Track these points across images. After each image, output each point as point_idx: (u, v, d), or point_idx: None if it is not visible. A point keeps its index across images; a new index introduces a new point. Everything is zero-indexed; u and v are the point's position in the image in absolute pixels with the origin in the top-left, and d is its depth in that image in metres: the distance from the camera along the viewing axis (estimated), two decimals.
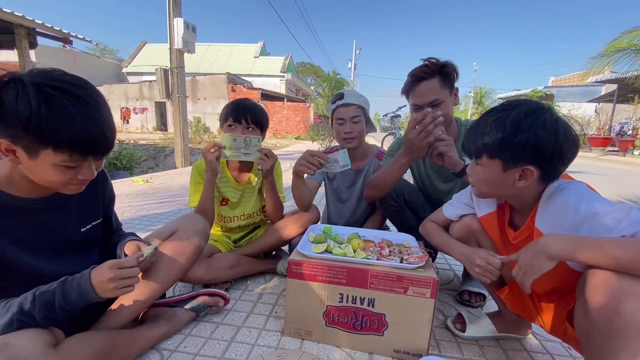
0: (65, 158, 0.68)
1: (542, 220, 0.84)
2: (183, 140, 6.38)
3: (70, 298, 0.74)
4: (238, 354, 1.01)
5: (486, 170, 0.87)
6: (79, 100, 0.67)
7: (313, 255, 1.07)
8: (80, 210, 0.90)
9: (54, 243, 0.84)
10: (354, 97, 1.56)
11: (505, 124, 0.80)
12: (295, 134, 16.69)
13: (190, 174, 1.48)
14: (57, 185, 0.74)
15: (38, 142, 0.66)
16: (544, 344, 1.13)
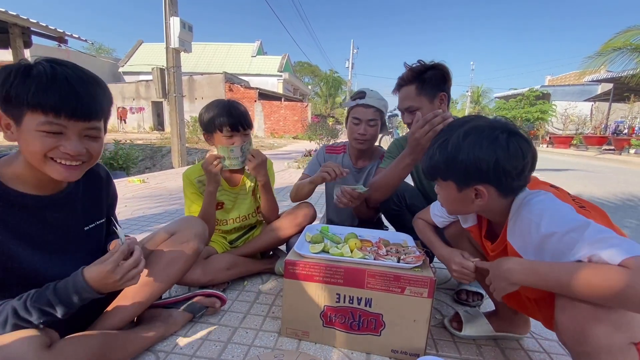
0: (42, 120, 0.69)
1: (512, 235, 0.83)
2: (180, 140, 6.35)
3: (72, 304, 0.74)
4: (235, 355, 1.01)
5: (444, 191, 0.88)
6: (57, 66, 0.71)
7: (310, 255, 1.07)
8: (85, 209, 0.91)
9: (58, 241, 0.84)
10: (375, 99, 1.55)
11: (447, 146, 0.81)
12: (292, 134, 16.66)
13: (183, 185, 1.46)
14: (39, 157, 0.72)
15: (17, 105, 0.68)
16: (542, 343, 1.13)
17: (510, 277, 0.74)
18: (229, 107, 1.38)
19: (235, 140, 1.37)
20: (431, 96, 1.31)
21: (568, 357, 1.06)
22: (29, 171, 0.77)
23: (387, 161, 1.51)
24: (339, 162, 1.71)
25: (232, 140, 1.37)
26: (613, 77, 12.06)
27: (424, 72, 1.30)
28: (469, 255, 0.93)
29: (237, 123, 1.36)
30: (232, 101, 1.43)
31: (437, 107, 1.33)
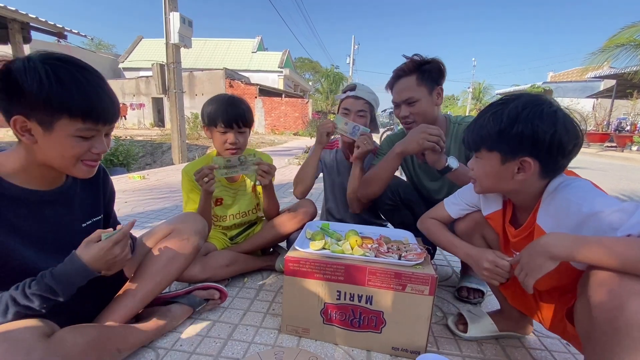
0: (80, 126, 0.71)
1: (544, 217, 0.82)
2: (180, 136, 6.33)
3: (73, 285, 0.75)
4: (235, 352, 1.00)
5: (486, 164, 0.86)
6: (84, 71, 0.72)
7: (310, 252, 1.06)
8: (83, 206, 0.91)
9: (56, 238, 0.84)
10: (366, 92, 1.54)
11: (502, 116, 0.80)
12: (293, 130, 16.62)
13: (182, 181, 1.45)
14: (72, 160, 0.75)
15: (53, 112, 0.68)
16: (543, 341, 1.12)
17: (551, 251, 0.71)
18: (227, 103, 1.36)
19: (228, 137, 1.35)
20: (430, 88, 1.31)
21: (569, 355, 1.06)
22: (30, 167, 0.77)
23: (380, 158, 1.49)
24: (332, 158, 1.71)
25: (225, 137, 1.35)
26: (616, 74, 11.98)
27: (423, 64, 1.29)
28: (501, 254, 0.90)
29: (232, 120, 1.33)
30: (234, 97, 1.41)
31: (435, 100, 1.33)
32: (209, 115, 1.36)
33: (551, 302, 0.92)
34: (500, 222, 0.98)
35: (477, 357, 1.03)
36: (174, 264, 1.04)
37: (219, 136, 1.36)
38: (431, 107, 1.33)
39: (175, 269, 1.05)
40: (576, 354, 1.06)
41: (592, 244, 0.68)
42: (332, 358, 0.99)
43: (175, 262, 1.05)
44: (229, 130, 1.35)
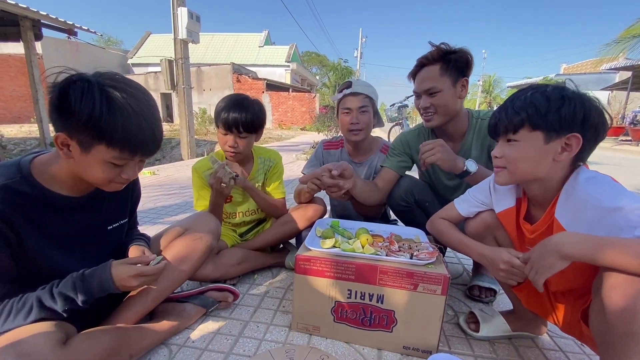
0: (116, 155, 0.72)
1: (562, 211, 0.81)
2: (189, 132, 6.38)
3: (92, 293, 0.77)
4: (246, 349, 1.01)
5: (524, 146, 0.81)
6: (137, 102, 0.72)
7: (321, 251, 1.06)
8: (110, 209, 0.94)
9: (82, 239, 0.87)
10: (363, 86, 1.49)
11: (548, 95, 0.78)
12: (300, 125, 16.59)
13: (192, 178, 1.46)
14: (102, 182, 0.78)
15: (93, 137, 0.69)
16: (557, 341, 1.10)
17: (563, 250, 0.70)
18: (232, 105, 1.32)
19: (228, 139, 1.34)
20: (454, 79, 1.24)
21: (584, 356, 1.04)
22: (68, 176, 0.79)
23: (391, 159, 1.46)
24: (337, 158, 1.66)
25: (226, 139, 1.35)
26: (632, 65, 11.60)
27: (448, 53, 1.23)
28: (515, 252, 0.87)
29: (230, 124, 1.31)
30: (243, 101, 1.34)
31: (459, 93, 1.27)
32: (215, 115, 1.36)
33: (566, 303, 0.90)
34: (514, 219, 0.96)
35: (489, 357, 1.02)
36: (187, 263, 1.05)
37: (221, 137, 1.37)
38: (454, 99, 1.27)
39: (188, 268, 1.06)
40: (591, 354, 1.04)
41: (607, 245, 0.66)
42: (342, 356, 1.00)
43: (189, 262, 1.06)
44: (228, 133, 1.34)
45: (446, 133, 1.37)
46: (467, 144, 1.35)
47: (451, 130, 1.35)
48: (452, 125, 1.34)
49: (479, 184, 1.06)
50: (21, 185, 0.73)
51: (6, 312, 0.71)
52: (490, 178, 1.02)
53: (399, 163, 1.45)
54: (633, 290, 0.63)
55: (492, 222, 1.01)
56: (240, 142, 1.35)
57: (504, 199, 0.98)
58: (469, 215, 1.07)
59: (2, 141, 7.08)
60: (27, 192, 0.74)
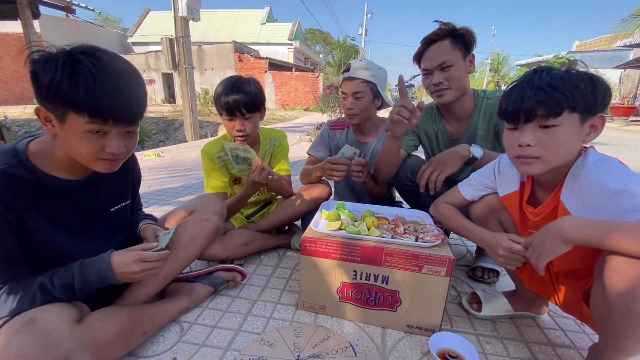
0: (87, 121, 0.69)
1: (568, 193, 0.80)
2: (192, 113, 6.34)
3: (91, 282, 0.77)
4: (254, 327, 1.05)
5: (565, 130, 0.76)
6: (105, 66, 0.68)
7: (327, 233, 1.07)
8: (112, 192, 0.93)
9: (85, 222, 0.87)
10: (362, 70, 1.46)
11: (578, 75, 0.76)
12: (304, 106, 16.38)
13: (202, 161, 1.46)
14: (88, 158, 0.75)
15: (62, 104, 0.68)
16: (557, 321, 1.13)
17: (566, 234, 0.70)
18: (229, 89, 1.30)
19: (235, 124, 1.33)
20: (463, 54, 1.26)
21: (584, 335, 1.07)
22: (64, 158, 0.78)
23: None
24: (342, 139, 1.66)
25: (232, 124, 1.34)
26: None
27: (455, 29, 1.25)
28: (516, 237, 0.88)
29: (233, 108, 1.29)
30: (239, 81, 1.32)
31: (468, 67, 1.29)
32: (216, 102, 1.35)
33: (568, 284, 0.91)
34: (517, 203, 0.96)
35: (491, 335, 1.05)
36: (195, 243, 1.07)
37: (227, 123, 1.36)
38: (465, 74, 1.28)
39: (197, 248, 1.08)
40: (591, 334, 1.07)
41: (611, 229, 0.66)
42: (348, 334, 1.03)
43: (196, 242, 1.08)
44: (233, 117, 1.33)
45: (453, 112, 1.36)
46: (473, 124, 1.33)
47: (458, 109, 1.34)
48: (459, 104, 1.32)
49: (483, 168, 1.06)
50: (19, 170, 0.73)
51: (12, 295, 0.73)
52: (496, 161, 1.02)
53: (407, 141, 1.45)
54: (634, 273, 0.64)
55: (496, 205, 1.01)
56: (247, 125, 1.34)
57: (508, 182, 0.97)
58: (473, 199, 1.07)
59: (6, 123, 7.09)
60: (25, 176, 0.73)
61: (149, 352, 0.93)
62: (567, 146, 0.78)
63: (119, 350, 0.82)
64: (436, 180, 1.23)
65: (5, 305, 0.72)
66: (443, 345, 0.94)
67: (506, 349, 0.99)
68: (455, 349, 0.93)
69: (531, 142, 0.78)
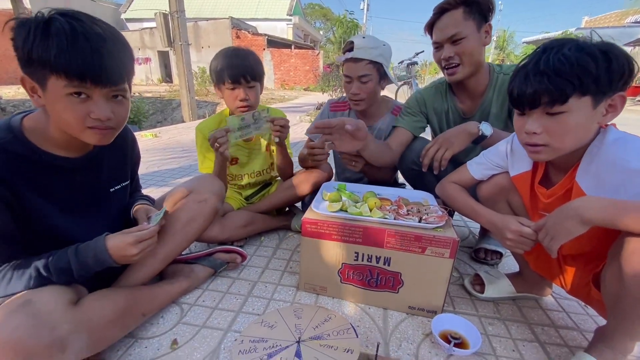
0: (66, 83, 0.65)
1: (584, 174, 0.76)
2: (189, 92, 6.20)
3: (89, 267, 0.75)
4: (255, 308, 1.04)
5: (573, 116, 0.70)
6: (83, 25, 0.65)
7: (328, 214, 1.04)
8: (111, 171, 0.91)
9: (85, 202, 0.85)
10: (366, 49, 1.35)
11: (590, 52, 0.68)
12: (304, 85, 16.05)
13: (196, 140, 1.42)
14: (74, 125, 0.70)
15: (39, 68, 0.64)
16: (560, 302, 1.12)
17: (585, 214, 0.67)
18: (232, 56, 1.27)
19: (238, 93, 1.28)
20: (478, 24, 1.14)
21: (587, 317, 1.06)
22: (59, 133, 0.74)
23: (406, 118, 1.38)
24: None
25: (235, 94, 1.28)
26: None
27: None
28: (526, 221, 0.84)
29: (238, 74, 1.25)
30: (239, 50, 1.31)
31: (483, 39, 1.17)
32: (216, 72, 1.29)
33: (576, 267, 0.89)
34: (528, 184, 0.92)
35: (493, 317, 1.04)
36: (193, 225, 1.05)
37: (229, 93, 1.29)
38: (479, 47, 1.17)
39: (195, 230, 1.06)
40: (594, 316, 1.06)
41: (631, 209, 0.63)
42: (349, 315, 1.02)
43: (194, 223, 1.05)
44: (237, 85, 1.27)
45: (466, 89, 1.28)
46: (487, 102, 1.26)
47: (472, 85, 1.26)
48: (473, 80, 1.23)
49: (495, 146, 1.01)
50: (14, 146, 0.70)
51: (8, 276, 0.71)
52: (509, 139, 0.97)
53: (414, 123, 1.38)
54: None
55: (506, 185, 0.97)
56: (250, 94, 1.29)
57: (520, 162, 0.93)
58: (482, 178, 1.03)
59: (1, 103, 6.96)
60: (21, 152, 0.70)
61: (149, 333, 0.92)
62: (578, 132, 0.73)
63: (117, 332, 0.80)
64: (441, 159, 1.17)
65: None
66: (445, 327, 0.94)
67: (509, 330, 0.99)
68: (458, 331, 0.92)
69: (537, 130, 0.74)
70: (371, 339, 0.93)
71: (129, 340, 0.89)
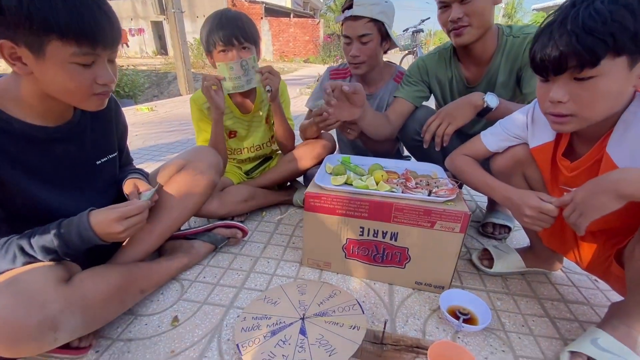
0: (76, 51, 0.60)
1: (616, 144, 0.69)
2: (185, 64, 5.96)
3: (75, 245, 0.69)
4: (257, 284, 1.01)
5: (606, 80, 0.62)
6: None
7: (332, 187, 0.99)
8: (95, 142, 0.84)
9: (70, 176, 0.79)
10: (366, 6, 1.23)
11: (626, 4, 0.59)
12: (304, 56, 15.50)
13: (191, 111, 1.34)
14: (79, 94, 0.66)
15: (39, 32, 0.57)
16: (570, 277, 1.09)
17: (624, 188, 0.60)
18: (221, 17, 1.18)
19: (230, 56, 1.18)
20: None
21: (597, 291, 1.03)
22: (37, 100, 0.67)
23: (406, 88, 1.29)
24: None
25: (228, 57, 1.18)
26: None
27: None
28: (547, 196, 0.78)
29: (229, 35, 1.15)
30: (229, 10, 1.21)
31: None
32: (206, 37, 1.19)
33: (595, 242, 0.84)
34: (549, 156, 0.85)
35: (501, 291, 1.01)
36: (189, 199, 1.00)
37: (222, 57, 1.20)
38: (489, 6, 1.07)
39: (192, 205, 1.01)
40: (605, 290, 1.03)
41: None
42: (354, 291, 1.00)
43: (191, 198, 1.00)
44: (228, 48, 1.18)
45: (472, 55, 1.18)
46: (494, 68, 1.16)
47: (479, 50, 1.15)
48: (481, 44, 1.13)
49: (513, 115, 0.93)
50: None
51: None
52: (529, 107, 0.89)
53: (414, 92, 1.29)
54: None
55: (523, 157, 0.90)
56: (244, 56, 1.19)
57: (542, 132, 0.85)
58: (497, 150, 0.96)
59: None
60: None
61: (149, 310, 0.90)
62: (610, 98, 0.65)
63: (114, 309, 0.77)
64: (443, 134, 1.10)
65: None
66: (453, 303, 0.91)
67: (517, 305, 0.96)
68: (466, 306, 0.90)
69: (563, 99, 0.66)
70: (377, 315, 0.90)
71: (129, 317, 0.87)
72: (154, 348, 0.78)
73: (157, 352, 0.77)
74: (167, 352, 0.77)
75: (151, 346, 0.79)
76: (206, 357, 0.76)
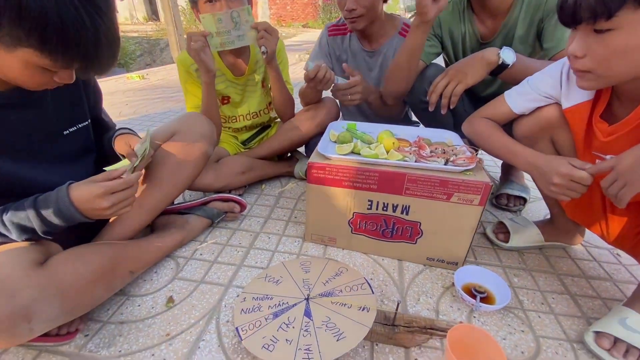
0: (48, 63, 0.52)
1: None
2: (176, 30, 5.61)
3: (53, 224, 0.61)
4: (258, 261, 0.95)
5: (623, 35, 0.56)
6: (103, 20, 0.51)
7: (337, 157, 0.89)
8: (60, 110, 0.73)
9: (35, 146, 0.69)
10: None
11: None
12: (302, 21, 14.71)
13: (178, 74, 1.21)
14: (31, 86, 0.58)
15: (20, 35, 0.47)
16: (591, 251, 1.03)
17: None
18: None
19: (219, 6, 1.03)
20: None
21: (620, 267, 0.97)
22: None
23: None
24: (345, 47, 1.35)
25: (215, 7, 1.04)
26: None
27: None
28: (579, 162, 0.69)
29: None
30: None
31: None
32: None
33: (628, 215, 0.76)
34: (585, 117, 0.74)
35: (518, 267, 0.95)
36: (181, 171, 0.91)
37: (208, 9, 1.05)
38: None
39: (184, 177, 0.92)
40: (629, 265, 0.97)
41: None
42: (361, 267, 0.93)
43: (183, 170, 0.91)
44: None
45: (488, 5, 1.04)
46: (512, 21, 1.02)
47: (495, 1, 1.02)
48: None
49: (544, 71, 0.81)
50: None
51: None
52: (562, 62, 0.77)
53: (427, 48, 1.15)
54: None
55: (554, 119, 0.80)
56: (234, 7, 1.04)
57: (578, 90, 0.74)
58: (523, 112, 0.85)
59: None
60: None
61: (142, 290, 0.83)
62: (630, 55, 0.56)
63: (101, 292, 0.70)
64: (451, 95, 0.98)
65: None
66: (468, 280, 0.85)
67: (536, 281, 0.90)
68: (482, 284, 0.84)
69: (578, 53, 0.61)
70: (387, 294, 0.84)
71: (120, 298, 0.81)
72: (148, 331, 0.73)
73: (151, 335, 0.72)
74: (162, 334, 0.72)
75: (145, 329, 0.73)
76: (204, 340, 0.70)
